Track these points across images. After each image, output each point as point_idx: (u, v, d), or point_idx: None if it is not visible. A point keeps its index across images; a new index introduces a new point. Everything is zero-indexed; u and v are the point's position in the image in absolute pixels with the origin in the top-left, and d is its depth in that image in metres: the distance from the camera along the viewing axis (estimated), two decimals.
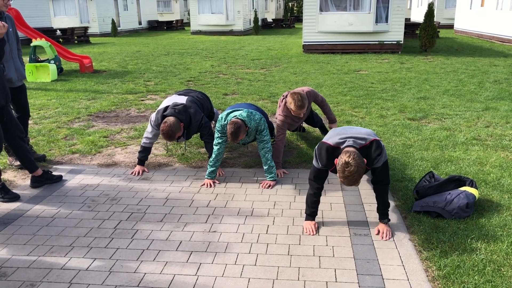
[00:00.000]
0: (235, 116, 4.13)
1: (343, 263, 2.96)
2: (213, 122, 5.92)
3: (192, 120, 4.47)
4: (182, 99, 4.73)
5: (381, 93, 8.37)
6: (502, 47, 16.42)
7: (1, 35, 3.90)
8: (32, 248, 3.21)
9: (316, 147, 3.34)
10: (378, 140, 3.20)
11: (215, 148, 4.28)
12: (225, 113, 4.30)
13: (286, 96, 4.62)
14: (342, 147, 3.15)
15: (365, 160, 3.04)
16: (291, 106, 4.25)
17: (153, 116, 4.54)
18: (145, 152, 4.63)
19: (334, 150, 3.20)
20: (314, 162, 3.36)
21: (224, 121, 4.24)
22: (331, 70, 11.43)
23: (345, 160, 2.92)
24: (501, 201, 3.80)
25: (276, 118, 4.69)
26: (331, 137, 3.27)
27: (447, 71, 10.97)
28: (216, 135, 4.30)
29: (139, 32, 31.77)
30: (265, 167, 4.29)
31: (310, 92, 4.75)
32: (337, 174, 3.02)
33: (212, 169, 4.31)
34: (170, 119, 4.28)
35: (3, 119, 4.04)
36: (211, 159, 4.32)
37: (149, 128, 4.58)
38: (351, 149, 3.05)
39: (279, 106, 4.73)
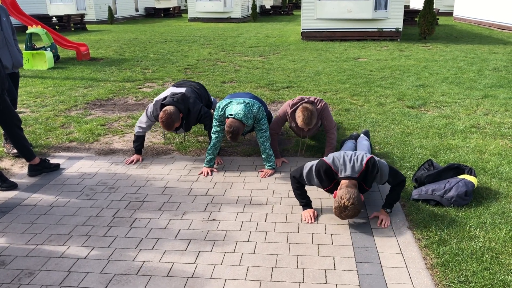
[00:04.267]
0: (233, 115, 4.06)
1: (341, 251, 2.96)
2: (212, 110, 5.89)
3: (190, 111, 4.44)
4: (181, 90, 4.69)
5: (380, 81, 8.34)
6: (501, 35, 16.34)
7: None
8: (30, 236, 3.21)
9: (316, 163, 3.34)
10: (371, 157, 3.24)
11: (213, 136, 4.26)
12: (223, 102, 4.26)
13: (302, 102, 4.33)
14: (341, 176, 3.20)
15: (362, 197, 3.14)
16: (298, 120, 4.14)
17: (150, 107, 4.49)
18: (139, 140, 4.61)
19: (333, 174, 3.25)
20: (305, 172, 3.36)
21: (221, 111, 4.20)
22: (330, 58, 11.37)
23: (344, 203, 3.01)
24: (499, 189, 3.80)
25: (280, 109, 4.57)
26: (333, 160, 3.28)
27: (446, 58, 10.92)
28: (214, 123, 4.27)
29: (136, 19, 31.49)
30: (263, 156, 4.27)
31: (324, 110, 4.40)
32: (333, 207, 3.12)
33: (210, 157, 4.30)
34: (170, 107, 4.25)
35: (0, 107, 4.01)
36: (209, 147, 4.30)
37: (144, 118, 4.53)
38: (352, 189, 3.08)
39: (291, 105, 4.41)
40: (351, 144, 4.46)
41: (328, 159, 3.30)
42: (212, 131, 4.29)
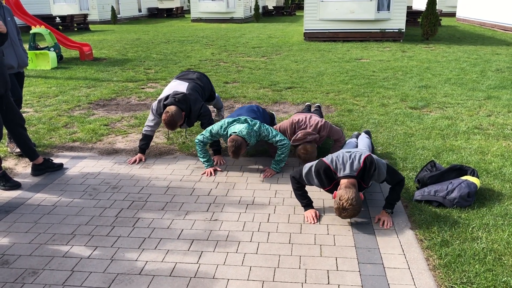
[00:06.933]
0: (236, 133, 4.07)
1: (344, 251, 2.97)
2: (215, 110, 5.91)
3: (192, 108, 4.48)
4: (183, 87, 4.72)
5: (383, 82, 8.33)
6: (504, 36, 16.31)
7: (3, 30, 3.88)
8: (33, 236, 3.22)
9: (315, 163, 3.35)
10: (368, 155, 3.25)
11: (197, 144, 4.32)
12: (225, 122, 4.24)
13: (304, 140, 4.16)
14: (340, 175, 3.22)
15: (362, 196, 3.18)
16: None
17: (154, 105, 4.57)
18: (146, 139, 4.63)
19: (333, 174, 3.27)
20: (304, 172, 3.37)
21: (224, 131, 4.22)
22: (332, 58, 11.36)
23: (343, 204, 3.04)
24: (502, 190, 3.80)
25: (282, 127, 4.50)
26: (331, 160, 3.29)
27: (449, 59, 10.90)
28: (206, 134, 4.28)
29: (139, 19, 31.53)
30: (276, 158, 4.25)
31: (330, 131, 4.38)
32: (334, 208, 3.17)
33: (205, 159, 4.33)
34: (172, 108, 4.31)
35: (3, 107, 4.02)
36: (198, 153, 4.35)
37: (150, 116, 4.59)
38: (351, 189, 3.09)
39: (293, 140, 4.24)
40: (353, 142, 4.48)
41: (327, 159, 3.32)
42: (199, 137, 4.30)
